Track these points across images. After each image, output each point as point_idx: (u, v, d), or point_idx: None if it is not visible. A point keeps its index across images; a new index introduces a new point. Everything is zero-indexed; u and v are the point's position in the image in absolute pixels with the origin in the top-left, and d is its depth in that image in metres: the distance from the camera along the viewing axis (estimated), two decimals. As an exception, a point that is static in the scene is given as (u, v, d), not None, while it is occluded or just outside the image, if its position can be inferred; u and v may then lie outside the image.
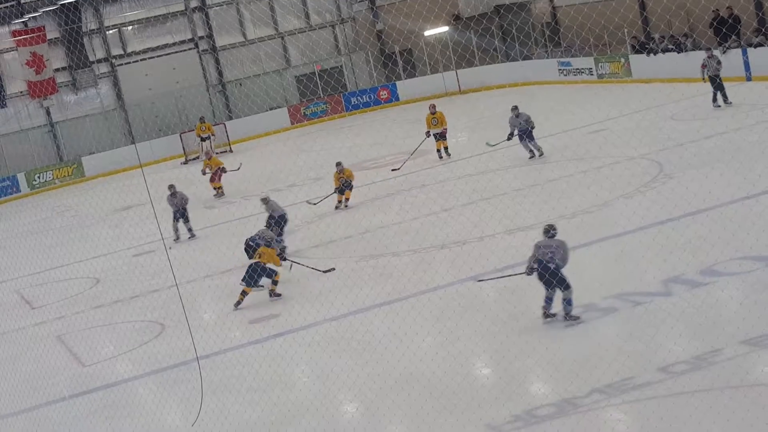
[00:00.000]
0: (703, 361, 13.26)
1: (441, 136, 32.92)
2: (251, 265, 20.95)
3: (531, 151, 29.22)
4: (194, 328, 17.45)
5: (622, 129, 30.26)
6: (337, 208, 28.44)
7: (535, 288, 16.49)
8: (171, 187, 29.03)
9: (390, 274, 20.63)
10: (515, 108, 29.54)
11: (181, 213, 28.77)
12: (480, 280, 18.22)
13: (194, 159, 46.61)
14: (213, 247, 26.24)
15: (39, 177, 48.67)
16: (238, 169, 35.10)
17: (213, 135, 45.44)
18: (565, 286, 15.79)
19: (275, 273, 20.96)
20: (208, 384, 15.88)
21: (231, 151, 46.84)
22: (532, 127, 29.18)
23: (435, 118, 32.90)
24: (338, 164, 28.67)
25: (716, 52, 32.49)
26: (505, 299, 17.47)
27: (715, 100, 30.91)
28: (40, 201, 44.89)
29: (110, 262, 28.31)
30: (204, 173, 35.68)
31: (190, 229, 29.05)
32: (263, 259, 20.91)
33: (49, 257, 30.14)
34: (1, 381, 20.13)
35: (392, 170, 32.27)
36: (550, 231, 16.32)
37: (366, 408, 14.51)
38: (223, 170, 35.38)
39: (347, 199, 28.58)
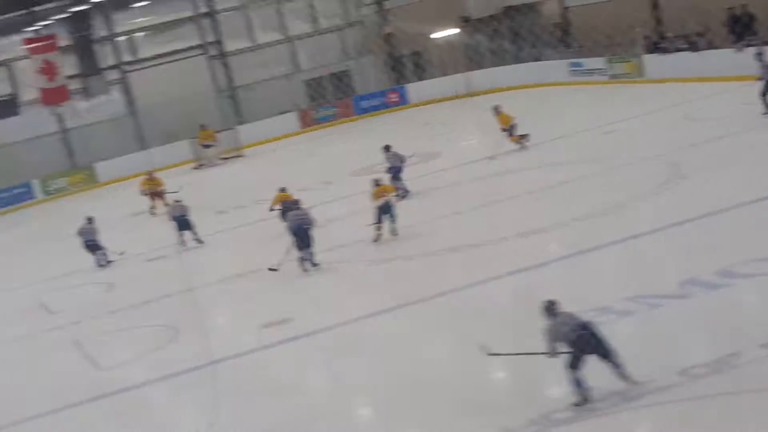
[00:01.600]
0: (723, 364, 13.15)
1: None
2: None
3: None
4: (208, 332, 17.47)
5: (636, 130, 30.17)
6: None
7: (547, 291, 16.46)
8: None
9: (402, 277, 20.59)
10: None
11: (182, 224, 28.48)
12: (491, 354, 14.64)
13: (205, 164, 46.56)
14: (226, 252, 26.22)
15: (53, 183, 48.78)
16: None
17: (215, 142, 44.96)
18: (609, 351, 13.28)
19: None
20: (222, 388, 15.86)
21: (242, 156, 46.81)
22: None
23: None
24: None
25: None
26: (518, 302, 17.40)
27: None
28: (55, 207, 44.95)
29: (124, 267, 28.31)
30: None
31: (195, 238, 28.41)
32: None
33: (65, 262, 30.17)
34: (19, 385, 20.18)
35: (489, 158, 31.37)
36: (553, 307, 13.90)
37: (380, 413, 14.47)
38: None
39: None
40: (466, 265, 20.33)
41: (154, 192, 36.08)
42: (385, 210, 24.07)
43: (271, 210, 27.41)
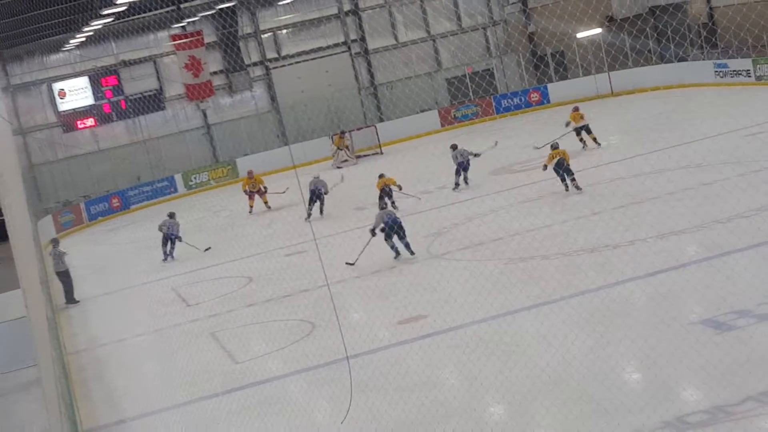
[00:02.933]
0: None
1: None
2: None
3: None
4: (344, 327, 17.60)
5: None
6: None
7: (687, 293, 16.22)
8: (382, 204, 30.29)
9: (539, 277, 20.47)
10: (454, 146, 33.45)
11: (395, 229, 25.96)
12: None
13: (345, 161, 46.90)
14: (362, 248, 26.37)
15: (195, 178, 49.74)
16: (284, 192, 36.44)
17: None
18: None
19: None
20: (357, 383, 15.97)
21: (381, 153, 47.09)
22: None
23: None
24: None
25: None
26: (656, 303, 17.18)
27: None
28: (196, 201, 45.80)
29: (263, 261, 28.74)
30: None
31: (407, 245, 25.80)
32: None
33: (204, 256, 30.77)
34: (158, 376, 20.66)
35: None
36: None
37: (514, 411, 14.41)
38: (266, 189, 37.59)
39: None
40: (604, 266, 20.14)
41: (255, 191, 37.01)
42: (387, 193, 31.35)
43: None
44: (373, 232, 25.43)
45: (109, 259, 35.92)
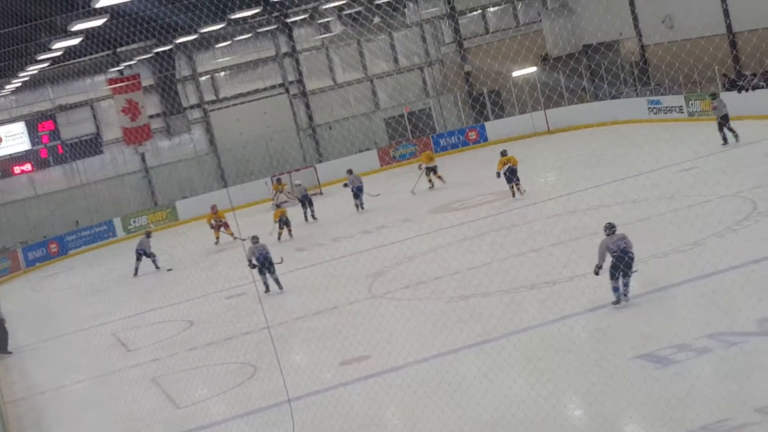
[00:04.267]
0: (801, 401, 13.03)
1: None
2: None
3: None
4: (286, 369, 17.60)
5: (714, 167, 29.96)
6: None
7: (627, 329, 16.39)
8: (254, 238, 28.21)
9: (480, 315, 20.59)
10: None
11: (266, 264, 27.53)
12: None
13: (285, 202, 46.84)
14: (304, 289, 26.43)
15: (134, 221, 49.48)
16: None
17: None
18: (630, 267, 18.68)
19: None
20: (299, 426, 15.98)
21: (321, 193, 47.16)
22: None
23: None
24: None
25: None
26: (595, 340, 17.36)
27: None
28: (136, 245, 45.49)
29: (204, 304, 28.65)
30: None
31: (276, 280, 27.64)
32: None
33: (144, 300, 30.62)
34: (99, 424, 20.46)
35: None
36: (612, 228, 19.23)
37: (457, 449, 14.46)
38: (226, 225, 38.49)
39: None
40: (544, 303, 20.29)
41: (220, 224, 37.32)
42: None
43: None
44: (250, 265, 26.81)
45: (48, 306, 35.61)
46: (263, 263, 27.18)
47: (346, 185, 40.21)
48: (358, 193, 38.94)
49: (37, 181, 50.56)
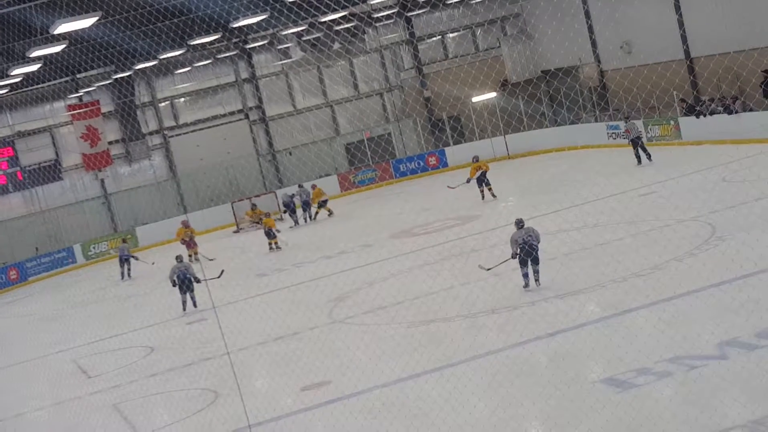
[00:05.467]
0: (761, 425, 13.05)
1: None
2: None
3: None
4: (246, 395, 17.54)
5: (672, 192, 30.19)
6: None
7: (587, 353, 16.45)
8: (178, 257, 30.74)
9: (441, 339, 20.61)
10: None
11: (186, 283, 29.92)
12: (487, 269, 24.20)
13: (246, 227, 46.99)
14: (264, 315, 26.35)
15: (94, 248, 49.25)
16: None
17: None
18: (538, 260, 22.63)
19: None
20: (261, 452, 15.91)
21: (282, 219, 47.11)
22: None
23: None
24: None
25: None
26: (555, 365, 17.41)
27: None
28: (96, 271, 45.37)
29: (164, 330, 28.52)
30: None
31: (192, 299, 30.05)
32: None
33: (105, 327, 30.45)
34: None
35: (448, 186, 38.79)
36: (521, 223, 23.28)
37: (419, 474, 14.46)
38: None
39: None
40: (505, 327, 20.34)
41: (190, 240, 37.67)
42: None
43: None
44: (172, 283, 29.81)
45: (7, 332, 35.33)
46: (183, 281, 29.59)
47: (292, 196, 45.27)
48: (304, 207, 44.66)
49: (-5, 207, 50.24)
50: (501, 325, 20.70)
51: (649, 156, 37.14)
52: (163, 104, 53.20)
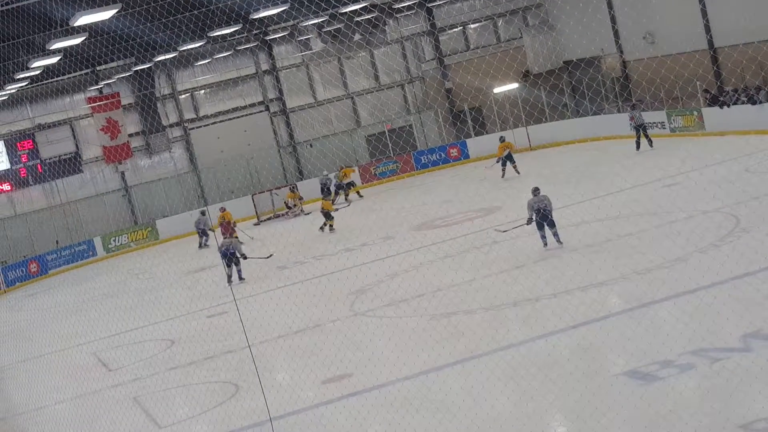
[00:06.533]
0: (785, 418, 12.96)
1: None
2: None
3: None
4: (267, 388, 17.47)
5: (696, 183, 29.97)
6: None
7: (610, 346, 16.30)
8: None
9: (463, 332, 20.50)
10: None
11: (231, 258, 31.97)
12: (504, 231, 27.49)
13: (267, 219, 46.98)
14: (285, 308, 26.28)
15: (114, 240, 49.29)
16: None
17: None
18: (554, 224, 25.53)
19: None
20: (282, 445, 15.84)
21: (303, 212, 47.03)
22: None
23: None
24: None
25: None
26: (578, 357, 17.27)
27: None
28: (116, 264, 45.42)
29: (185, 323, 28.49)
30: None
31: (239, 272, 32.40)
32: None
33: (125, 320, 30.41)
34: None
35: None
36: (537, 190, 26.02)
37: (441, 468, 14.36)
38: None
39: None
40: (527, 320, 20.24)
41: (231, 225, 37.79)
42: None
43: None
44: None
45: (28, 325, 35.37)
46: (226, 255, 31.94)
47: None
48: (338, 189, 46.95)
49: (16, 200, 50.28)
50: (523, 317, 20.60)
51: (650, 142, 39.33)
52: (183, 96, 53.17)
